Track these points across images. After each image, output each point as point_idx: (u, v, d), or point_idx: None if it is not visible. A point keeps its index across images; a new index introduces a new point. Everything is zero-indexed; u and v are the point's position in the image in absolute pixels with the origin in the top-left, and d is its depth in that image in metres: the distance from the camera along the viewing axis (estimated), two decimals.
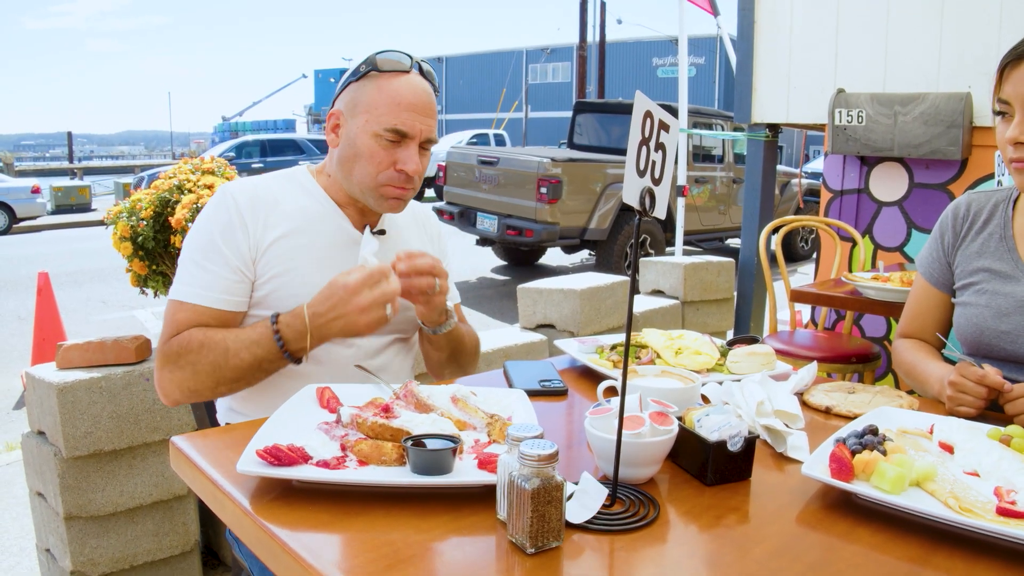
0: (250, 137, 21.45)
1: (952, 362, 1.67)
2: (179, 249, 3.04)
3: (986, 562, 1.02)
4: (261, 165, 17.70)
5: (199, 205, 3.04)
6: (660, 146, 1.16)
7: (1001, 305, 1.69)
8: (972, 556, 1.03)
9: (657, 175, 1.16)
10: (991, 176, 3.77)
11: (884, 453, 1.21)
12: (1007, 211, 1.76)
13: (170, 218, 3.14)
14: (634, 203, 1.13)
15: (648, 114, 1.13)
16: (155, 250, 3.21)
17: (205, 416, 1.87)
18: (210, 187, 3.19)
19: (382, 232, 1.82)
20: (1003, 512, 1.08)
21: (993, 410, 1.56)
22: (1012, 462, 1.22)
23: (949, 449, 1.30)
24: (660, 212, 1.16)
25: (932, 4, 3.95)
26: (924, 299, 1.91)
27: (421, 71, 1.75)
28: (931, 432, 1.37)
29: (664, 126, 1.16)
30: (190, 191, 3.22)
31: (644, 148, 1.13)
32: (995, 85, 1.65)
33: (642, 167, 1.13)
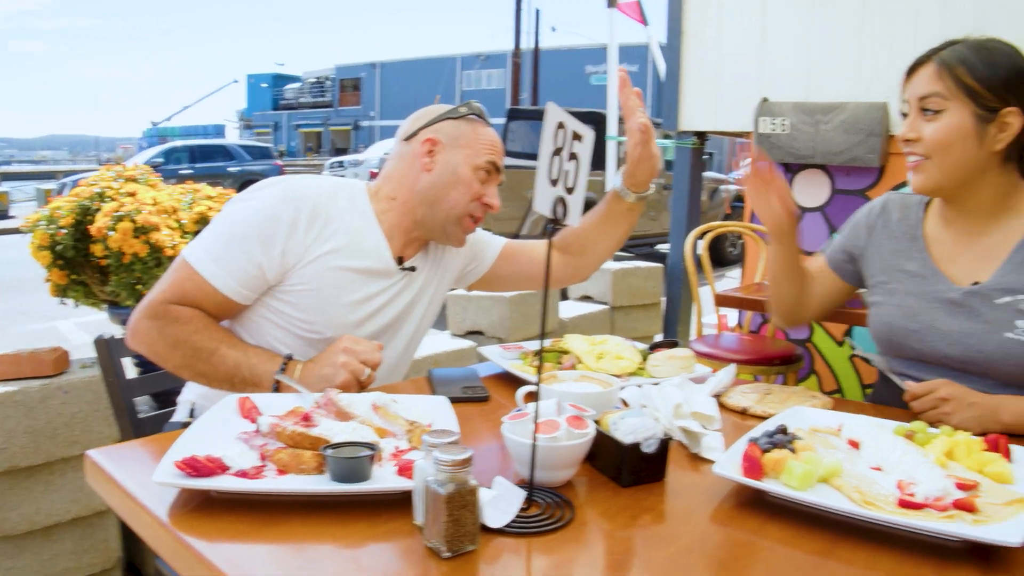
0: (179, 143, 20.99)
1: (866, 361, 1.74)
2: (100, 258, 2.98)
3: (887, 551, 1.06)
4: (190, 171, 17.33)
5: (120, 213, 2.98)
6: (573, 156, 1.18)
7: (911, 305, 1.75)
8: (874, 546, 1.07)
9: (570, 184, 1.18)
10: (906, 183, 3.90)
11: (793, 451, 1.25)
12: (919, 212, 1.83)
13: (90, 227, 3.06)
14: (546, 212, 1.15)
15: (560, 124, 1.15)
16: (75, 259, 3.12)
17: (129, 428, 1.83)
18: (133, 195, 3.12)
19: (413, 269, 1.86)
20: (904, 504, 1.12)
21: (900, 405, 1.63)
22: (914, 456, 1.26)
23: (856, 446, 1.34)
24: (573, 220, 1.18)
25: (852, 19, 4.08)
26: (819, 271, 2.00)
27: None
28: (840, 430, 1.41)
29: (577, 136, 1.18)
30: (112, 199, 3.15)
31: (556, 158, 1.15)
32: (901, 88, 1.73)
33: (554, 176, 1.15)
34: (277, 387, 1.60)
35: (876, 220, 1.89)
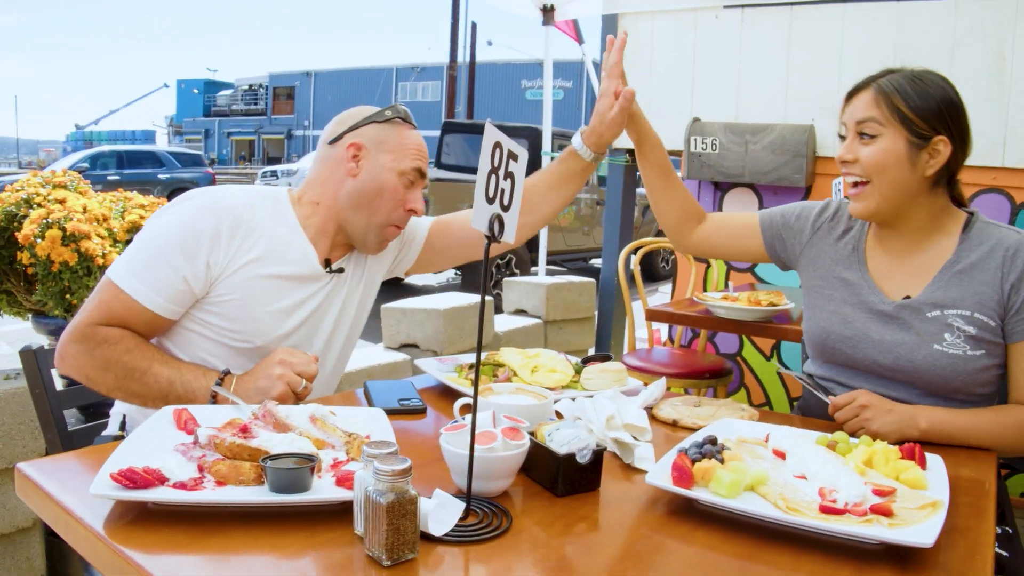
0: (106, 148, 20.40)
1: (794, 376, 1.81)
2: (26, 266, 2.90)
3: (809, 555, 1.11)
4: (117, 177, 16.90)
5: (49, 220, 2.91)
6: (509, 175, 1.22)
7: (847, 313, 1.83)
8: (797, 550, 1.12)
9: (506, 202, 1.21)
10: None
11: (722, 461, 1.30)
12: (864, 227, 1.91)
13: (17, 233, 2.98)
14: (483, 229, 1.19)
15: (497, 144, 1.19)
16: (0, 267, 3.04)
17: (57, 440, 1.79)
18: (62, 201, 3.05)
19: (341, 270, 1.86)
20: (825, 510, 1.18)
21: (825, 417, 1.70)
22: (835, 465, 1.32)
23: (782, 455, 1.40)
24: (509, 237, 1.21)
25: (779, 44, 4.22)
26: (742, 221, 2.08)
27: None
28: (766, 440, 1.47)
29: (513, 156, 1.22)
30: (39, 205, 3.07)
31: (493, 176, 1.19)
32: (840, 111, 1.82)
33: (491, 195, 1.19)
34: (214, 400, 1.59)
35: (824, 222, 1.96)
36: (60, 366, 1.64)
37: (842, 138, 1.81)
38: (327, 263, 1.83)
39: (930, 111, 1.70)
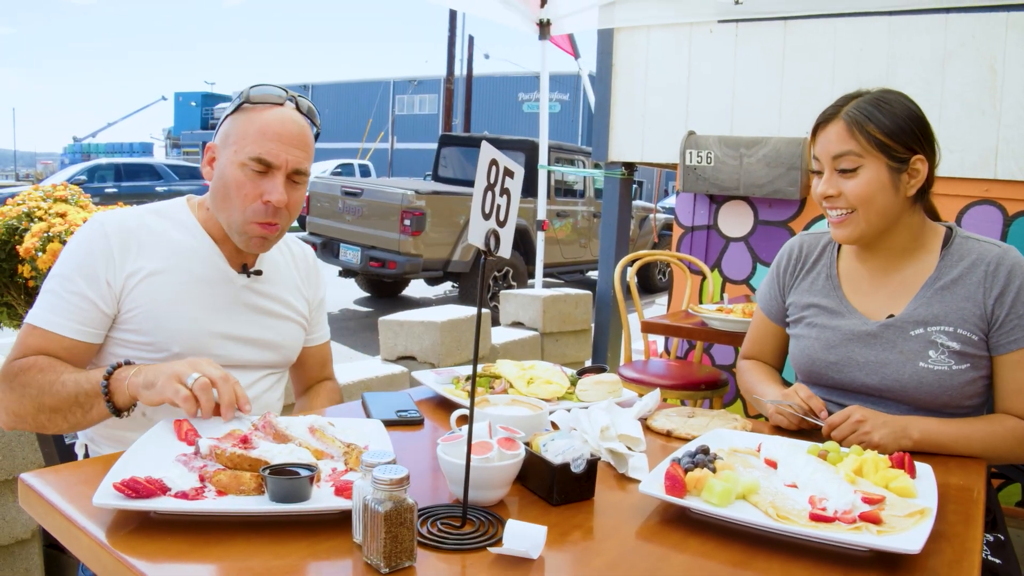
0: (104, 160, 20.41)
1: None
2: (27, 279, 2.92)
3: (800, 562, 1.13)
4: (115, 190, 16.92)
5: (50, 233, 2.93)
6: (505, 191, 1.24)
7: (829, 338, 1.85)
8: (788, 557, 1.14)
9: (502, 218, 1.24)
10: (823, 217, 4.08)
11: (714, 470, 1.32)
12: (833, 252, 1.94)
13: (18, 247, 3.00)
14: (479, 244, 1.21)
15: (494, 162, 1.22)
16: (0, 280, 3.06)
17: (54, 452, 1.81)
18: (63, 215, 3.07)
19: (259, 273, 1.82)
20: (815, 518, 1.20)
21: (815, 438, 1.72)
22: (825, 473, 1.35)
23: (773, 465, 1.42)
24: (505, 252, 1.24)
25: (773, 58, 4.27)
26: (763, 330, 2.08)
27: (297, 106, 1.76)
28: (759, 450, 1.49)
29: (509, 172, 1.25)
30: (40, 219, 3.09)
31: (490, 193, 1.21)
32: (809, 144, 1.83)
33: (487, 210, 1.22)
34: (108, 385, 1.51)
35: (795, 262, 1.99)
36: None
37: (816, 173, 1.81)
38: (244, 266, 1.80)
39: (904, 132, 1.72)
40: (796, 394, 1.73)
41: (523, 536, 1.09)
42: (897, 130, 1.71)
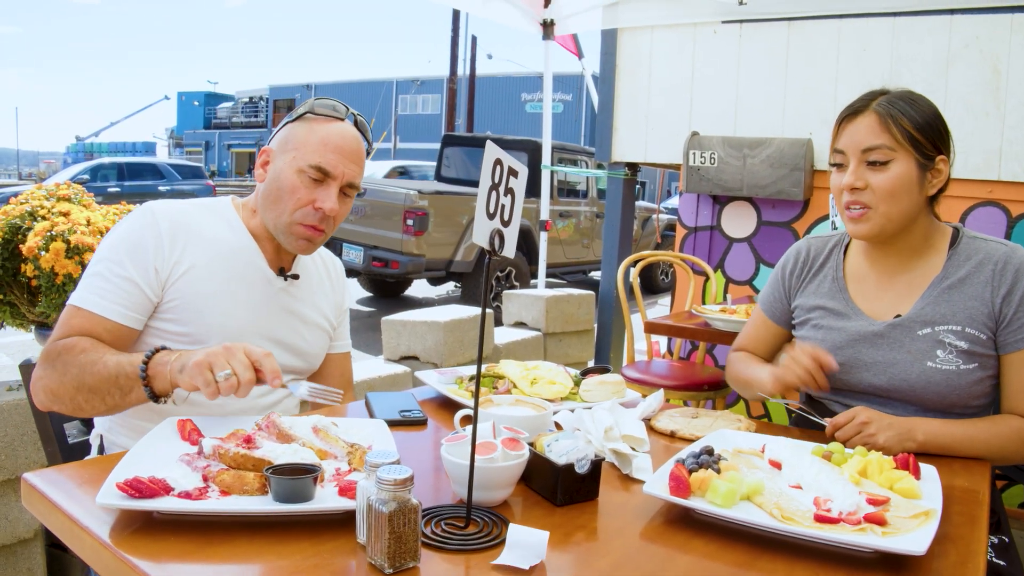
0: (107, 159, 20.39)
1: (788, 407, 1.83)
2: (30, 278, 2.92)
3: (804, 563, 1.13)
4: (118, 189, 16.92)
5: (53, 233, 2.93)
6: (509, 191, 1.24)
7: (835, 339, 1.84)
8: (792, 558, 1.14)
9: (507, 217, 1.24)
10: (827, 217, 4.08)
11: (718, 471, 1.32)
12: (840, 255, 1.93)
13: (21, 246, 3.00)
14: (484, 243, 1.21)
15: (498, 162, 1.22)
16: (3, 279, 3.05)
17: (57, 452, 1.81)
18: (66, 214, 3.07)
19: (296, 277, 1.87)
20: (819, 519, 1.20)
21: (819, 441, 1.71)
22: (830, 474, 1.35)
23: (777, 466, 1.42)
24: (509, 252, 1.24)
25: (777, 59, 4.26)
26: (761, 329, 2.07)
27: (356, 123, 1.84)
28: (763, 451, 1.49)
29: (513, 172, 1.25)
30: (43, 218, 3.09)
31: (494, 193, 1.21)
32: (832, 138, 1.82)
33: (492, 210, 1.22)
34: (146, 369, 1.50)
35: (802, 265, 1.99)
36: (34, 395, 1.63)
37: (837, 165, 1.80)
38: (281, 270, 1.85)
39: (932, 130, 1.72)
40: (801, 352, 1.73)
41: (523, 545, 1.09)
42: (927, 127, 1.71)
